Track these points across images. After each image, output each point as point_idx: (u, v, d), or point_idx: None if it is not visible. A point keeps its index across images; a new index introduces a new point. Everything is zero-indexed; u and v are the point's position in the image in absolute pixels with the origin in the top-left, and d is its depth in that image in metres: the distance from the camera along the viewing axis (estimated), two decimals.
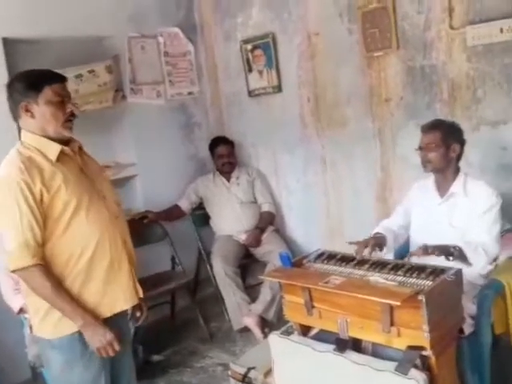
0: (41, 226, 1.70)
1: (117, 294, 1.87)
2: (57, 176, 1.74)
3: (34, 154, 1.75)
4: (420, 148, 2.33)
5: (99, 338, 1.75)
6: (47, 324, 1.79)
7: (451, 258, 2.05)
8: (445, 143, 2.28)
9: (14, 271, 1.71)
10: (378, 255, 2.23)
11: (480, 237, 2.16)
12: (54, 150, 1.77)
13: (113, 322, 1.87)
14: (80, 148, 1.92)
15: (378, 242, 2.27)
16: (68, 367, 1.80)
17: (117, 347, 1.79)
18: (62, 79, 1.83)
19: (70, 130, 1.82)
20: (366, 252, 2.12)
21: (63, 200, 1.73)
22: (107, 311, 1.85)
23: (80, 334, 1.77)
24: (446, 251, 2.04)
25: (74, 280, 1.78)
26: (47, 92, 1.75)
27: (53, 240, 1.75)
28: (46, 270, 1.71)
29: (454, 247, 2.05)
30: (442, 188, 2.36)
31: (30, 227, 1.67)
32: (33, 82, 1.77)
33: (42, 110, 1.76)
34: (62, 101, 1.79)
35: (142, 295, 1.98)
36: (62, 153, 1.79)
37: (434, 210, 2.36)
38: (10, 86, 1.81)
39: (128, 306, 1.93)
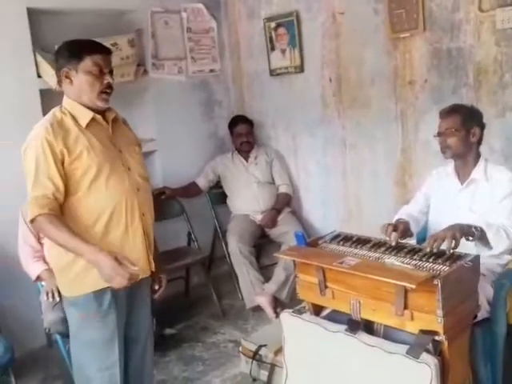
0: (57, 184, 1.76)
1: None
2: (81, 141, 1.81)
3: (66, 117, 1.84)
4: (439, 134, 2.29)
5: (108, 272, 1.71)
6: (64, 281, 1.89)
7: (471, 238, 1.99)
8: (464, 127, 2.24)
9: (31, 221, 1.78)
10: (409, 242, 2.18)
11: (502, 219, 2.11)
12: (85, 116, 1.85)
13: (130, 289, 1.89)
14: (116, 119, 1.98)
15: (407, 227, 2.23)
16: (83, 325, 1.88)
17: (136, 275, 1.75)
18: (104, 51, 1.89)
19: (105, 101, 1.88)
20: (393, 236, 2.06)
21: (84, 164, 1.80)
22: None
23: (95, 294, 1.83)
24: (468, 230, 1.97)
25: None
26: (87, 61, 1.82)
27: (75, 201, 1.82)
28: (56, 218, 1.75)
29: (476, 227, 1.99)
30: (463, 174, 2.32)
31: (43, 184, 1.75)
32: (75, 50, 1.84)
33: (80, 78, 1.83)
34: (101, 72, 1.85)
35: (153, 269, 2.01)
36: (93, 120, 1.87)
37: (454, 197, 2.32)
38: (57, 53, 1.90)
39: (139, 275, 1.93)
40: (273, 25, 3.72)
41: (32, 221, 1.76)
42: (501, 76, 2.67)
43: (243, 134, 3.81)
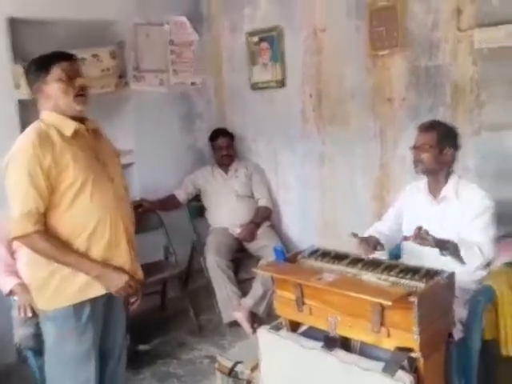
0: (45, 198, 1.77)
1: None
2: (67, 153, 1.81)
3: (50, 130, 1.83)
4: (414, 147, 2.32)
5: (116, 283, 1.85)
6: (43, 295, 1.85)
7: (445, 252, 2.03)
8: (439, 145, 2.26)
9: (15, 238, 1.78)
10: (374, 255, 2.22)
11: (475, 237, 2.14)
12: (69, 126, 1.85)
13: (108, 301, 1.93)
14: (96, 130, 1.99)
15: (377, 242, 2.30)
16: (61, 339, 1.86)
17: (133, 285, 1.90)
18: (69, 58, 1.91)
19: (82, 104, 1.89)
20: (365, 251, 2.14)
21: (70, 176, 1.80)
22: (101, 288, 1.88)
23: (74, 307, 1.83)
24: (441, 244, 2.02)
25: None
26: (56, 71, 1.84)
27: (58, 214, 1.81)
28: (47, 235, 1.78)
29: (450, 242, 2.03)
30: (434, 191, 2.35)
31: (34, 199, 1.75)
32: (42, 64, 1.86)
33: (52, 87, 1.84)
34: (71, 77, 1.86)
35: (141, 277, 2.03)
36: (76, 131, 1.86)
37: (426, 213, 2.34)
38: (26, 71, 1.97)
39: None
40: (255, 39, 3.75)
41: (21, 237, 1.76)
42: (477, 95, 2.71)
43: (224, 147, 3.81)
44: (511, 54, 2.55)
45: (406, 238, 2.17)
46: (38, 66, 1.87)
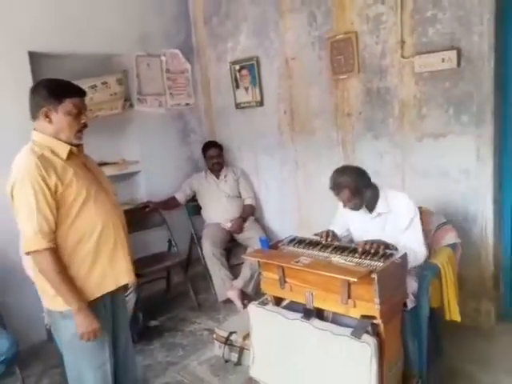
0: (54, 215, 1.64)
1: (120, 270, 1.82)
2: (68, 171, 1.67)
3: (45, 151, 1.67)
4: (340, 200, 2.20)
5: (86, 325, 1.68)
6: (57, 300, 1.70)
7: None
8: (355, 194, 2.14)
9: (27, 253, 1.64)
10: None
11: (410, 245, 2.10)
12: (64, 149, 1.70)
13: (112, 296, 1.84)
14: (79, 149, 1.82)
15: (335, 235, 2.20)
16: (76, 336, 1.71)
17: (99, 334, 1.72)
18: (82, 94, 1.74)
19: (80, 139, 1.75)
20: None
21: (74, 191, 1.67)
22: (113, 284, 1.81)
23: (89, 303, 1.72)
24: (385, 244, 1.95)
25: (84, 259, 1.72)
26: (67, 104, 1.67)
27: (65, 226, 1.68)
28: (56, 254, 1.65)
29: (393, 245, 1.98)
30: (369, 207, 2.25)
31: (44, 217, 1.61)
32: (56, 92, 1.67)
33: (60, 118, 1.67)
34: (79, 113, 1.71)
35: (135, 272, 1.91)
36: (70, 152, 1.72)
37: (369, 223, 2.26)
38: (34, 90, 1.70)
39: (129, 279, 1.87)
40: (237, 67, 3.74)
41: (33, 252, 1.62)
42: (419, 109, 2.74)
43: (214, 156, 3.79)
44: (445, 76, 2.60)
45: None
46: (51, 93, 1.66)
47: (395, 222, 2.19)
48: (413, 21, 2.67)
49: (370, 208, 2.25)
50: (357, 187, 2.14)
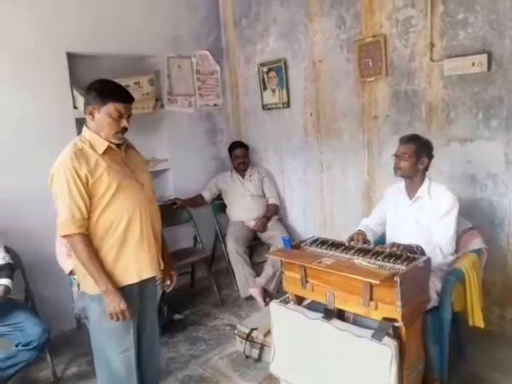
0: (86, 203, 1.73)
1: (144, 264, 1.86)
2: (101, 164, 1.76)
3: (86, 146, 1.78)
4: (395, 155, 2.29)
5: (114, 305, 1.75)
6: (88, 282, 1.80)
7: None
8: (416, 155, 2.23)
9: (62, 236, 1.76)
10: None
11: (438, 237, 2.13)
12: (102, 145, 1.79)
13: (141, 287, 1.89)
14: (128, 146, 1.92)
15: (364, 237, 2.23)
16: (103, 316, 1.80)
17: (127, 316, 1.77)
18: (127, 100, 1.79)
19: (119, 139, 1.82)
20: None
21: (105, 184, 1.75)
22: (136, 277, 1.85)
23: None
24: (410, 250, 1.95)
25: (112, 247, 1.79)
26: (110, 107, 1.75)
27: (96, 214, 1.77)
28: (87, 239, 1.75)
29: (417, 247, 1.98)
30: (411, 192, 2.32)
31: (76, 203, 1.71)
32: (102, 94, 1.75)
33: (101, 117, 1.77)
34: (120, 116, 1.77)
35: (162, 267, 1.97)
36: (109, 147, 1.81)
37: (404, 210, 2.32)
38: (88, 89, 1.81)
39: (152, 274, 1.90)
40: (265, 69, 3.75)
41: (66, 236, 1.73)
42: (447, 113, 2.69)
43: (240, 156, 3.81)
44: (474, 80, 2.54)
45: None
46: (97, 94, 1.75)
47: (432, 211, 2.20)
48: (443, 24, 2.61)
49: (411, 193, 2.29)
50: (421, 148, 2.25)
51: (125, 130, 1.81)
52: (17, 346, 2.30)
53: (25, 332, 2.30)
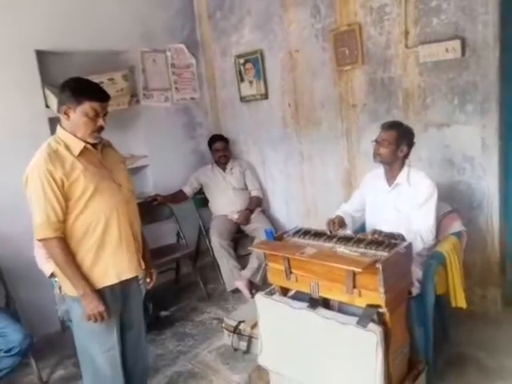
0: (62, 206, 1.69)
1: (123, 265, 1.85)
2: (76, 166, 1.72)
3: (61, 147, 1.73)
4: (376, 141, 2.29)
5: (91, 307, 1.74)
6: (69, 284, 1.78)
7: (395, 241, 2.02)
8: (396, 142, 2.23)
9: (39, 240, 1.72)
10: (342, 232, 2.22)
11: (418, 225, 2.14)
12: (77, 146, 1.75)
13: (123, 287, 1.87)
14: (104, 145, 1.87)
15: (341, 221, 2.27)
16: (84, 318, 1.78)
17: (105, 317, 1.77)
18: (103, 99, 1.75)
19: (95, 138, 1.78)
20: (331, 229, 2.13)
21: (82, 186, 1.71)
22: (115, 278, 1.83)
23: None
24: (392, 237, 1.96)
25: (90, 250, 1.77)
26: (86, 106, 1.71)
27: (73, 217, 1.73)
28: (64, 243, 1.72)
29: (398, 235, 1.99)
30: (390, 178, 2.33)
31: (51, 206, 1.68)
32: (77, 93, 1.71)
33: (77, 117, 1.72)
34: (96, 115, 1.73)
35: (143, 267, 1.95)
36: (85, 148, 1.76)
37: (384, 197, 2.33)
38: (61, 88, 1.75)
39: (132, 275, 1.89)
40: (242, 61, 3.71)
41: (42, 240, 1.70)
42: (424, 99, 2.71)
43: (220, 149, 3.78)
44: (449, 66, 2.56)
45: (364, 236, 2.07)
46: (72, 93, 1.70)
47: (411, 198, 2.20)
48: (417, 11, 2.62)
49: (390, 180, 2.29)
50: (402, 136, 2.24)
51: (101, 129, 1.77)
52: None
53: (6, 338, 2.26)
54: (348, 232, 2.29)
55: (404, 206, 2.24)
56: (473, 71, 2.49)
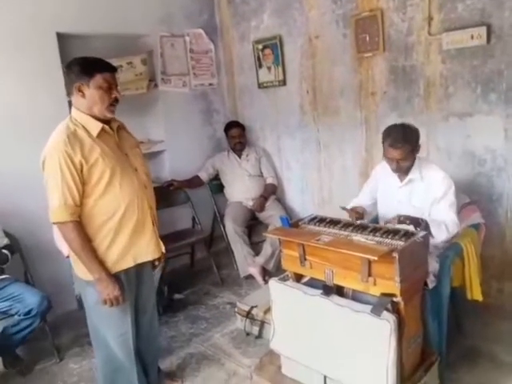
0: (79, 190, 1.68)
1: (140, 248, 1.86)
2: (95, 150, 1.71)
3: (78, 128, 1.72)
4: (392, 160, 2.15)
5: (107, 292, 1.74)
6: (83, 268, 1.77)
7: (418, 228, 1.99)
8: (413, 152, 2.14)
9: (54, 223, 1.71)
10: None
11: (442, 217, 2.10)
12: (96, 127, 1.74)
13: (138, 270, 1.89)
14: (119, 127, 1.87)
15: (364, 210, 2.27)
16: (99, 302, 1.79)
17: (121, 301, 1.77)
18: (112, 69, 1.77)
19: (112, 112, 1.78)
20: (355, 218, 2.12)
21: (100, 170, 1.70)
22: (131, 261, 1.84)
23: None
24: (416, 222, 1.98)
25: (107, 235, 1.77)
26: (98, 78, 1.71)
27: (91, 202, 1.73)
28: (80, 227, 1.71)
29: (422, 220, 1.98)
30: (402, 174, 2.24)
31: (69, 190, 1.66)
32: (87, 68, 1.71)
33: (91, 92, 1.72)
34: (110, 87, 1.74)
35: (164, 250, 1.96)
36: (102, 130, 1.76)
37: (396, 192, 2.26)
38: (68, 67, 1.76)
39: (149, 258, 1.90)
40: (260, 46, 3.67)
41: (58, 223, 1.69)
42: (446, 88, 2.65)
43: (236, 136, 3.76)
44: (473, 53, 2.49)
45: (386, 222, 2.05)
46: (82, 68, 1.70)
47: (425, 193, 2.16)
48: None
49: (402, 175, 2.24)
50: (415, 143, 2.15)
51: (116, 101, 1.77)
52: (19, 316, 2.34)
53: (24, 302, 2.33)
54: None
55: (418, 201, 2.20)
56: (498, 59, 2.41)
